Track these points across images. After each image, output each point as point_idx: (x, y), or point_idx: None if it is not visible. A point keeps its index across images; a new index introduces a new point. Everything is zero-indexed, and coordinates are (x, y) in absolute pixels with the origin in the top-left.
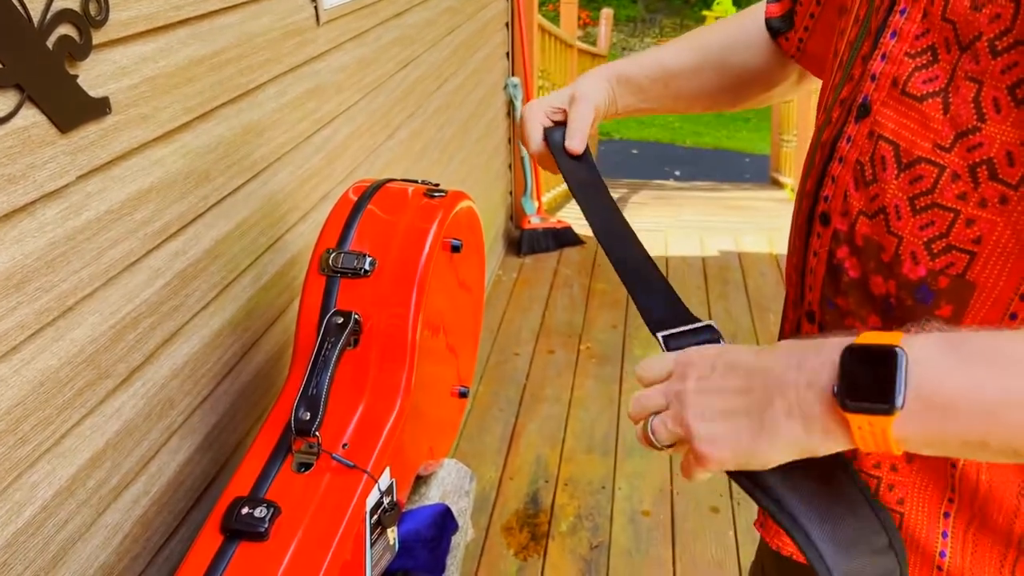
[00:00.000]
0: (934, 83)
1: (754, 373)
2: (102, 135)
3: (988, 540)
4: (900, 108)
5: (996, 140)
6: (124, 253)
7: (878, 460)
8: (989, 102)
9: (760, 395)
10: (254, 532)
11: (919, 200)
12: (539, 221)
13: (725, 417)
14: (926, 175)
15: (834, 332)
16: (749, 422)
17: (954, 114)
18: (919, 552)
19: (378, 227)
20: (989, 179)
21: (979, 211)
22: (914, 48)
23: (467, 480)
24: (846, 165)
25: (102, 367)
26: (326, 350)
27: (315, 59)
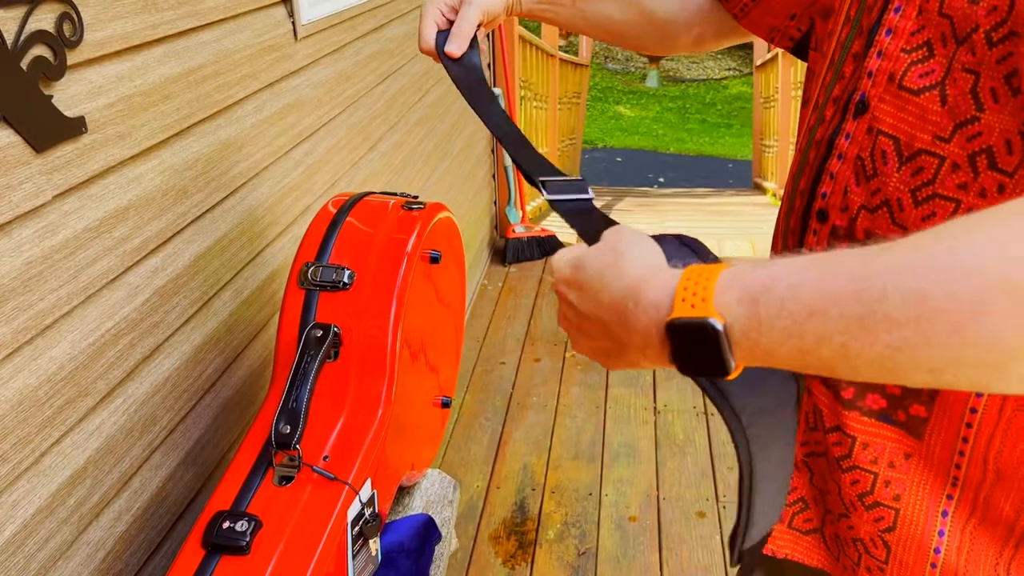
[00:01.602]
0: (930, 76)
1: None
2: (78, 154)
3: (986, 537)
4: (898, 103)
5: (995, 129)
6: (103, 271)
7: (875, 456)
8: (987, 92)
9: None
10: (235, 546)
11: (921, 191)
12: (523, 230)
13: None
14: (927, 166)
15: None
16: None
17: (952, 105)
18: (914, 548)
19: (356, 240)
20: (988, 168)
21: (979, 200)
22: (910, 44)
23: (451, 490)
24: (846, 161)
25: (82, 385)
26: (306, 363)
27: (293, 74)
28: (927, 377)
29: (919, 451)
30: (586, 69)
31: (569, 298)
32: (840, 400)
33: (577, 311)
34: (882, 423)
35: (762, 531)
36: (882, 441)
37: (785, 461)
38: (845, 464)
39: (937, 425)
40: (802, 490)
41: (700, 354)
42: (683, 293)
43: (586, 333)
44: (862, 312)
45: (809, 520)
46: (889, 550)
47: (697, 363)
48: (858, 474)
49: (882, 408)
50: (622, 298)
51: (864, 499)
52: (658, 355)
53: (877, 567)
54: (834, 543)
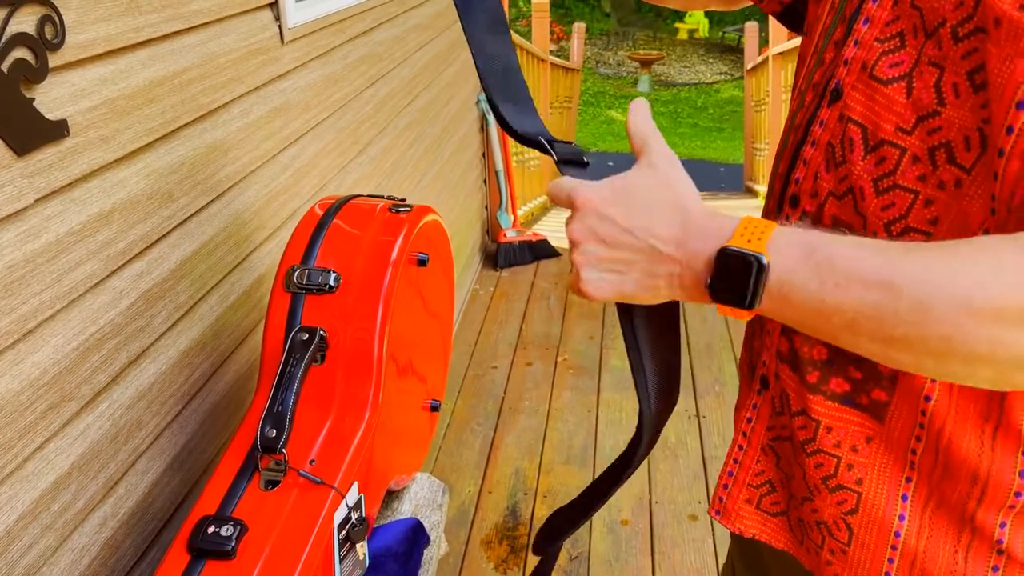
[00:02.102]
0: (899, 68)
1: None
2: (61, 157)
3: (944, 522)
4: (868, 91)
5: (955, 124)
6: (86, 275)
7: (838, 440)
8: (949, 87)
9: (644, 264)
10: (221, 551)
11: (882, 181)
12: (515, 234)
13: (612, 272)
14: (889, 157)
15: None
16: (633, 281)
17: (916, 98)
18: (876, 530)
19: (343, 243)
20: (947, 162)
21: (937, 192)
22: (884, 34)
23: (440, 494)
24: (818, 147)
25: (66, 390)
26: (291, 367)
27: (280, 77)
28: (909, 362)
29: (880, 434)
30: (577, 73)
31: (608, 213)
32: (806, 384)
33: (615, 227)
34: (845, 407)
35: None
36: (845, 425)
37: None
38: (809, 448)
39: (897, 410)
40: (769, 473)
41: (737, 282)
42: (743, 230)
43: (615, 247)
44: (880, 300)
45: (776, 503)
46: (852, 532)
47: (729, 290)
48: (822, 458)
49: (846, 392)
50: (682, 218)
51: (828, 482)
52: (693, 279)
53: (840, 549)
54: (798, 527)
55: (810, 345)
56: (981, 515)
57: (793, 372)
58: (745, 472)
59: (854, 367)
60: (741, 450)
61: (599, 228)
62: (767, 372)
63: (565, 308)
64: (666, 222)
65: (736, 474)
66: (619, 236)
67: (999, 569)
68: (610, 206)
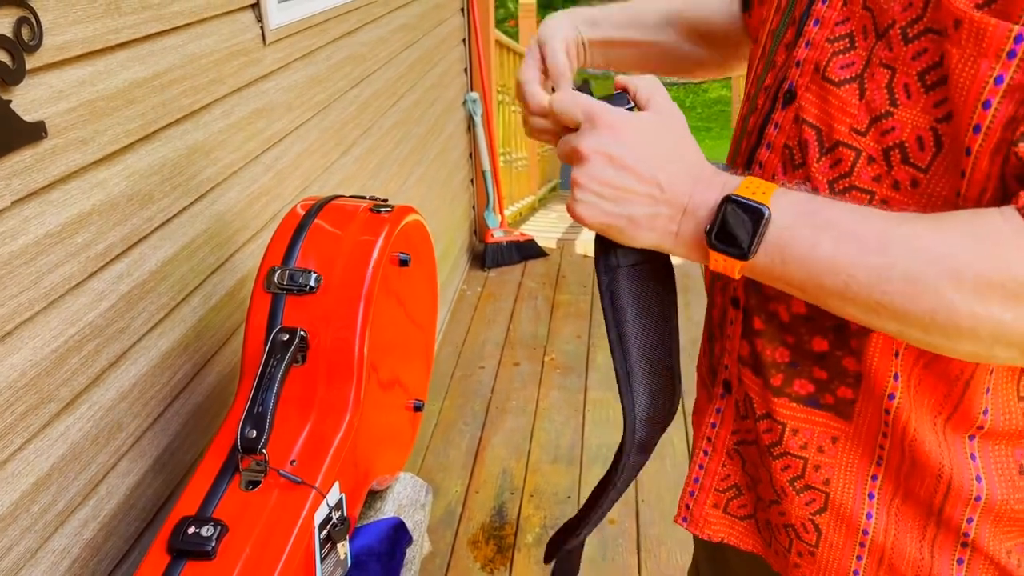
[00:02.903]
0: (851, 69)
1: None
2: (38, 159)
3: (910, 517)
4: (821, 93)
5: (908, 125)
6: (65, 276)
7: (805, 442)
8: (901, 88)
9: (647, 202)
10: (201, 551)
11: (838, 183)
12: (503, 235)
13: (610, 200)
14: (844, 158)
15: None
16: (627, 216)
17: (869, 99)
18: (844, 529)
19: (324, 243)
20: (902, 163)
21: (892, 192)
22: (834, 34)
23: (423, 494)
24: (774, 150)
25: (45, 391)
26: (271, 368)
27: (263, 79)
28: (893, 330)
29: (847, 433)
30: None
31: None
32: (769, 388)
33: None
34: (810, 408)
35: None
36: (811, 426)
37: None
38: (776, 451)
39: (863, 407)
40: (735, 477)
41: (737, 230)
42: (748, 183)
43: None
44: (875, 265)
45: (743, 506)
46: (820, 533)
47: (729, 239)
48: (789, 460)
49: (810, 393)
50: (694, 169)
51: (795, 483)
52: (693, 226)
53: (808, 551)
54: (766, 530)
55: (772, 347)
56: (949, 508)
57: (756, 376)
58: (711, 478)
59: (818, 367)
60: (706, 455)
61: (613, 149)
62: (729, 376)
63: (552, 308)
64: (678, 167)
65: (702, 480)
66: (631, 164)
67: (964, 561)
68: (631, 133)
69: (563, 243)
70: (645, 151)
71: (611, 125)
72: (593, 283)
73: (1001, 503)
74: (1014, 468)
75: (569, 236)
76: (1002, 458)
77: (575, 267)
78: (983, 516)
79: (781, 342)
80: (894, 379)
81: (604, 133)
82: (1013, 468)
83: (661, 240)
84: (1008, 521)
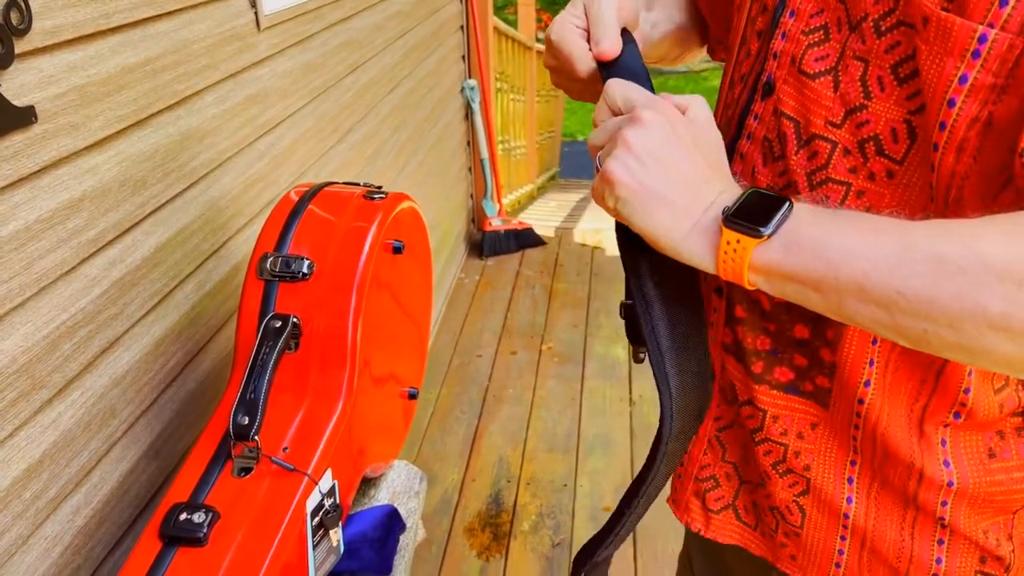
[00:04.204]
0: (825, 61)
1: (700, 162)
2: (28, 144)
3: (889, 501)
4: (797, 85)
5: (882, 117)
6: (57, 262)
7: (785, 428)
8: (874, 80)
9: (688, 171)
10: (192, 538)
11: (815, 175)
12: (500, 223)
13: (649, 172)
14: (821, 151)
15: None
16: (658, 191)
17: (843, 92)
18: (827, 513)
19: (316, 229)
20: (876, 155)
21: (868, 183)
22: (809, 26)
23: (417, 481)
24: (754, 142)
25: (36, 377)
26: (264, 355)
27: (257, 64)
28: (916, 330)
29: (825, 420)
30: None
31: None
32: (751, 375)
33: (682, 139)
34: (790, 395)
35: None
36: (790, 413)
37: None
38: (758, 437)
39: (838, 396)
40: (714, 467)
41: (757, 212)
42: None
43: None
44: (895, 250)
45: (720, 498)
46: (804, 514)
47: (748, 218)
48: (770, 446)
49: (790, 380)
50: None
51: (778, 467)
52: (713, 213)
53: (793, 532)
54: (752, 512)
55: (754, 335)
56: (923, 494)
57: (738, 363)
58: (693, 464)
59: (799, 355)
60: None
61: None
62: (712, 363)
63: (550, 297)
64: (720, 167)
65: (686, 465)
66: (684, 146)
67: (944, 542)
68: (684, 125)
69: (561, 232)
70: (699, 143)
71: (669, 113)
72: (591, 272)
73: (974, 487)
74: (983, 452)
75: (567, 225)
76: (972, 443)
77: (573, 256)
78: (957, 500)
79: (763, 330)
80: (869, 365)
81: (662, 117)
82: (983, 452)
83: (674, 224)
84: (983, 503)
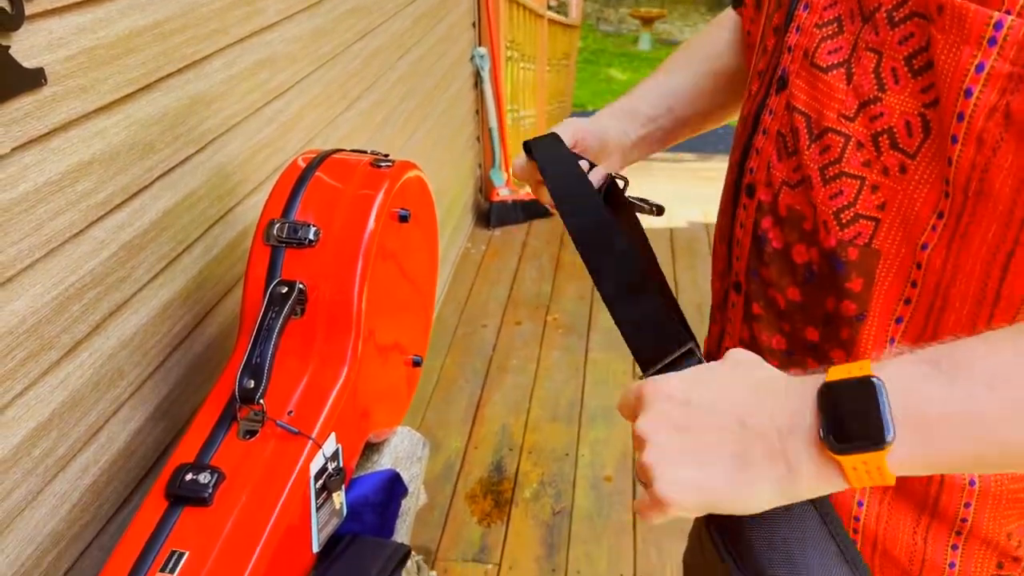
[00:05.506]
0: (838, 54)
1: (725, 417)
2: (38, 106)
3: (902, 507)
4: (810, 79)
5: (896, 110)
6: (66, 224)
7: None
8: (888, 72)
9: (734, 447)
10: (198, 498)
11: (829, 170)
12: (508, 193)
13: (694, 464)
14: (833, 145)
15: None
16: (723, 473)
17: (856, 84)
18: (839, 511)
19: (323, 196)
20: (890, 148)
21: (882, 178)
22: (822, 19)
23: (420, 447)
24: (768, 137)
25: (45, 338)
26: (270, 319)
27: (266, 29)
28: None
29: None
30: (576, 30)
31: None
32: None
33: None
34: None
35: None
36: None
37: None
38: None
39: None
40: None
41: (856, 417)
42: (834, 369)
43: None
44: None
45: None
46: None
47: (854, 432)
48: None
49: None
50: (768, 386)
51: None
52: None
53: None
54: None
55: (769, 334)
56: (945, 498)
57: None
58: None
59: (812, 358)
60: None
61: (673, 413)
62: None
63: (556, 268)
64: (750, 391)
65: None
66: (698, 417)
67: (958, 548)
68: (683, 388)
69: None
70: (710, 396)
71: (661, 389)
72: None
73: (996, 485)
74: None
75: None
76: None
77: None
78: (980, 501)
79: (778, 329)
80: None
81: (657, 399)
82: None
83: (774, 485)
84: (1008, 503)
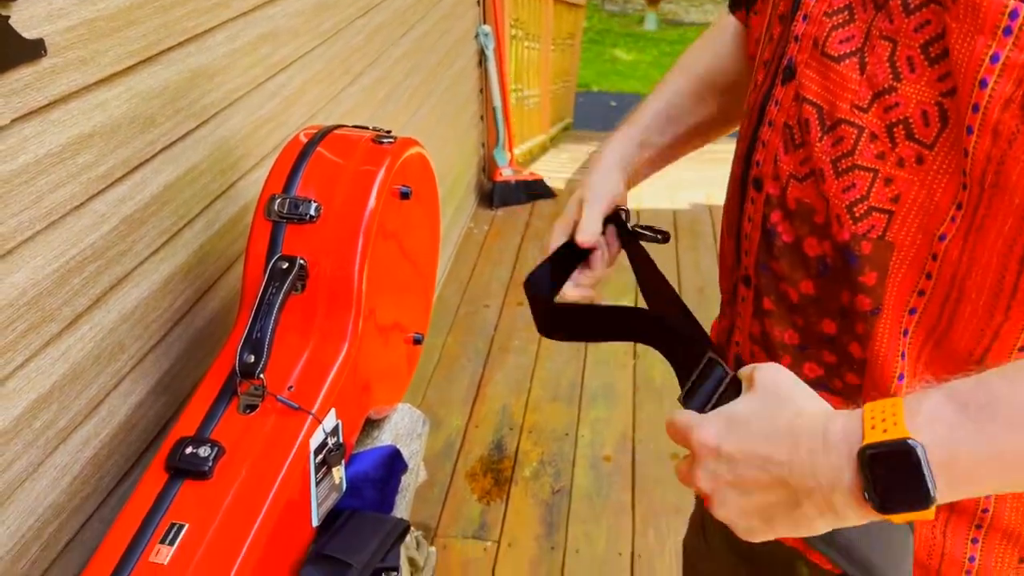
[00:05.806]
0: (850, 43)
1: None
2: (38, 77)
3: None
4: (821, 69)
5: (912, 99)
6: (66, 197)
7: None
8: (904, 61)
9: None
10: (198, 471)
11: (841, 162)
12: (511, 173)
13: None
14: (846, 136)
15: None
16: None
17: (870, 74)
18: None
19: (325, 172)
20: (906, 139)
21: (897, 170)
22: (832, 7)
23: (420, 424)
24: (775, 129)
25: (46, 310)
26: (270, 295)
27: (269, 3)
28: None
29: None
30: (582, 10)
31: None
32: None
33: (736, 466)
34: (819, 391)
35: None
36: None
37: None
38: None
39: (868, 396)
40: None
41: (902, 483)
42: (871, 420)
43: (746, 490)
44: None
45: None
46: None
47: (899, 497)
48: None
49: (819, 376)
50: (807, 438)
51: None
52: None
53: None
54: None
55: (781, 328)
56: None
57: (767, 356)
58: None
59: (828, 351)
60: None
61: (720, 470)
62: (740, 351)
63: None
64: (787, 449)
65: None
66: (747, 476)
67: (978, 541)
68: (726, 443)
69: (573, 184)
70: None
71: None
72: None
73: None
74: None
75: (579, 177)
76: None
77: None
78: (999, 496)
79: (790, 324)
80: (901, 358)
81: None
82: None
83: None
84: None
